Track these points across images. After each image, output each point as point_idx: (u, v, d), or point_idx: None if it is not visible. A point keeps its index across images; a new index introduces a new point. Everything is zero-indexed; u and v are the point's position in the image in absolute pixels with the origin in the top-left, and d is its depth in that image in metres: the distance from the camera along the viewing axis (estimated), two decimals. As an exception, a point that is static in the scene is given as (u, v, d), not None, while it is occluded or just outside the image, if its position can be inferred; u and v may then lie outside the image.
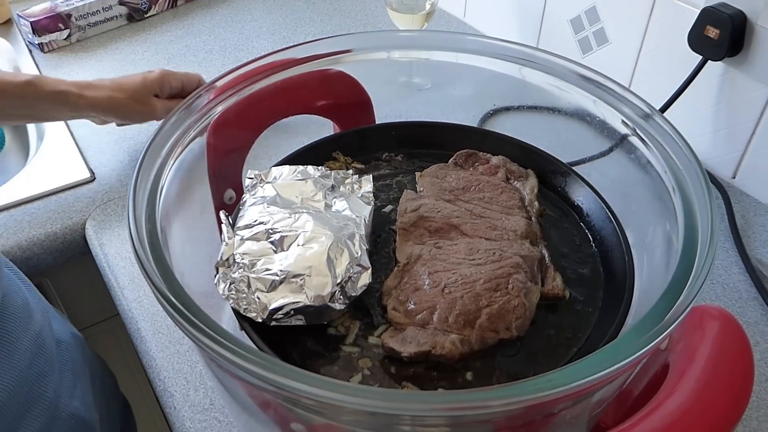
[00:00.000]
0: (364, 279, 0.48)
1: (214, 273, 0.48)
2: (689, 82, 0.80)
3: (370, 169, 0.63)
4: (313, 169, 0.57)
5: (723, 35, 0.74)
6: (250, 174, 0.57)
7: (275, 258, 0.48)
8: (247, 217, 0.51)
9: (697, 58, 0.79)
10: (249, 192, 0.55)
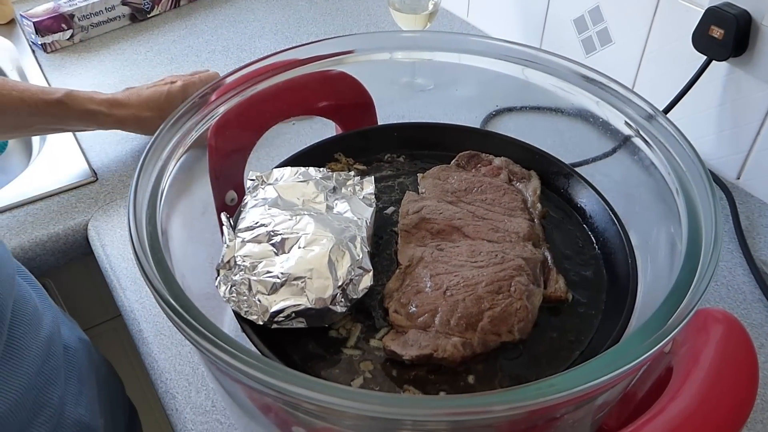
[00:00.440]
0: (366, 281, 0.47)
1: (215, 275, 0.48)
2: (693, 82, 0.80)
3: (372, 171, 0.62)
4: (314, 170, 0.57)
5: (727, 35, 0.74)
6: (252, 175, 0.56)
7: (276, 260, 0.48)
8: (249, 219, 0.51)
9: (702, 58, 0.79)
10: (250, 194, 0.55)
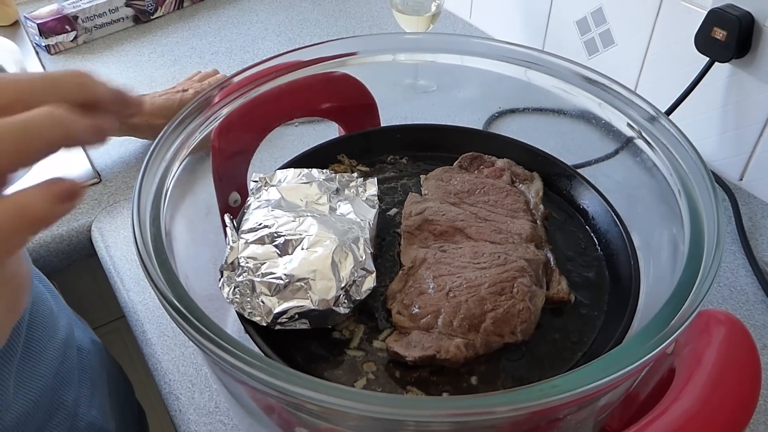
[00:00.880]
0: (369, 283, 0.48)
1: (219, 276, 0.48)
2: (696, 83, 0.80)
3: (375, 172, 0.63)
4: (317, 172, 0.57)
5: (730, 37, 0.74)
6: (255, 177, 0.57)
7: (280, 262, 0.48)
8: (252, 221, 0.51)
9: (704, 59, 0.79)
10: (254, 195, 0.55)
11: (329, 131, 0.68)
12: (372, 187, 0.57)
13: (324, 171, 0.57)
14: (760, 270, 0.73)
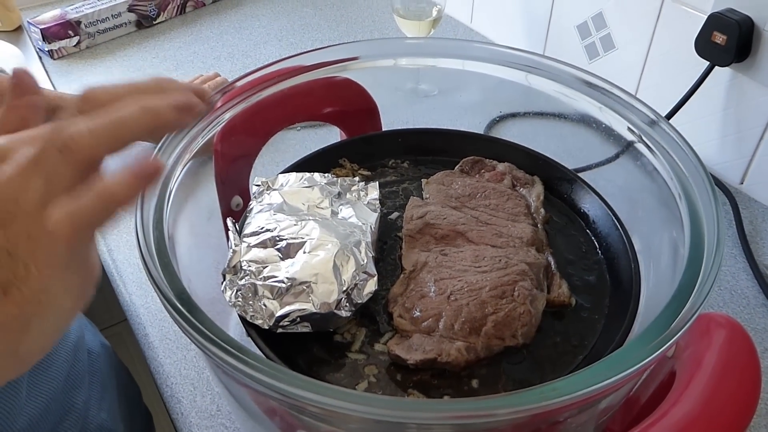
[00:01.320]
0: (370, 286, 0.48)
1: (221, 280, 0.49)
2: (696, 87, 0.80)
3: (377, 176, 0.63)
4: (319, 176, 0.57)
5: (730, 41, 0.74)
6: (257, 181, 0.57)
7: (282, 265, 0.48)
8: (254, 224, 0.51)
9: (705, 63, 0.79)
10: (256, 199, 0.55)
11: (331, 135, 0.69)
12: (373, 191, 0.57)
13: (326, 175, 0.58)
14: (760, 273, 0.73)
